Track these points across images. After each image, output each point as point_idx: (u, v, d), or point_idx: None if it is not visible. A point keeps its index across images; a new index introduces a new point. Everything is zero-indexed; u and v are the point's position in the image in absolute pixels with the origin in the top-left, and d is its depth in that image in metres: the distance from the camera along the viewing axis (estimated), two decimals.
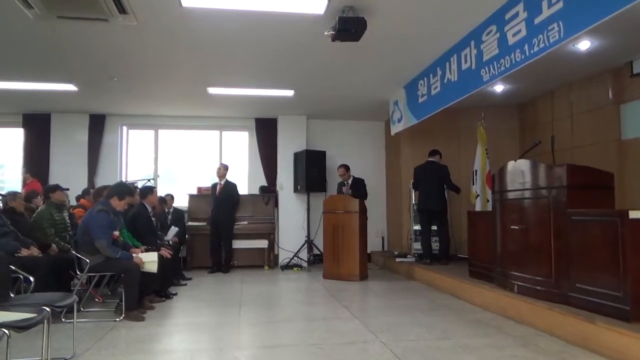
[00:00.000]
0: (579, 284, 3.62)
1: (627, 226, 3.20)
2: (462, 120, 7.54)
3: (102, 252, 4.13)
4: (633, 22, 4.23)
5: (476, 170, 6.31)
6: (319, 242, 7.34)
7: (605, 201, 3.74)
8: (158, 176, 8.23)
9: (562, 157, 5.89)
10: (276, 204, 8.24)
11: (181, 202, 7.87)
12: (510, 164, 4.48)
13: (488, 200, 5.91)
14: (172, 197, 7.16)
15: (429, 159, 6.72)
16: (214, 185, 7.53)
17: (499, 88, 6.37)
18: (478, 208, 6.14)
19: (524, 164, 4.29)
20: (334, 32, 3.95)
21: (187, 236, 7.49)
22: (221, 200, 7.36)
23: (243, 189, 8.43)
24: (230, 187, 7.51)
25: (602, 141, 5.72)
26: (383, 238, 8.76)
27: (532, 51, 3.63)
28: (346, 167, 7.09)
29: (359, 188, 6.93)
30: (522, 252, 4.25)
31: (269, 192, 8.18)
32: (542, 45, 3.51)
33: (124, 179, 7.86)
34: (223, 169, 7.46)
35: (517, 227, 4.30)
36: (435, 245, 6.67)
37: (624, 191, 5.09)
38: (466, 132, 7.39)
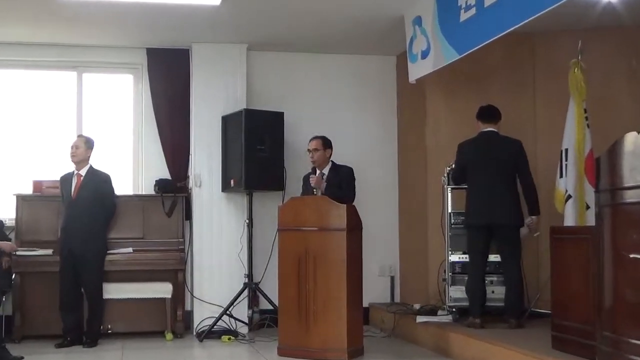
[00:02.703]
0: None
1: None
2: (539, 55, 7.60)
3: None
4: None
5: (566, 150, 6.49)
6: (272, 286, 7.28)
7: None
8: None
9: None
10: (188, 215, 8.27)
11: (2, 210, 7.89)
12: (631, 139, 4.48)
13: (588, 207, 6.08)
14: None
15: (485, 129, 6.81)
16: (67, 179, 7.52)
17: None
18: (570, 221, 6.27)
19: None
20: None
21: (13, 277, 7.37)
22: (80, 206, 7.36)
23: (125, 185, 8.37)
24: (97, 182, 7.51)
25: None
26: (393, 279, 8.82)
27: None
28: (325, 141, 7.21)
29: (342, 182, 7.06)
30: None
31: (174, 191, 8.18)
32: None
33: None
34: (84, 147, 7.46)
35: None
36: (494, 292, 6.87)
37: None
38: (547, 76, 7.49)
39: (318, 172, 7.06)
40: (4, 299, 7.04)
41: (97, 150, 7.68)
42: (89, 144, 7.49)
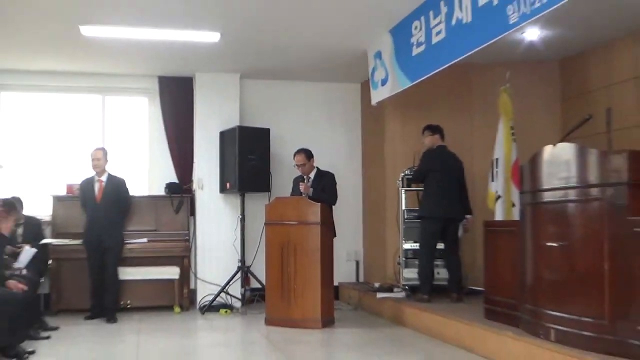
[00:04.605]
0: None
1: None
2: (476, 83, 7.67)
3: None
4: None
5: (497, 160, 6.46)
6: (260, 269, 7.26)
7: None
8: (1, 166, 8.11)
9: (623, 139, 5.94)
10: (192, 212, 8.25)
11: (41, 208, 7.82)
12: (548, 150, 4.57)
13: (514, 205, 6.09)
14: (20, 202, 7.08)
15: (440, 144, 6.77)
16: (88, 184, 7.45)
17: (532, 34, 6.40)
18: (499, 216, 6.27)
19: (567, 150, 4.37)
20: None
21: (49, 262, 7.38)
22: (103, 206, 7.33)
23: (141, 188, 8.40)
24: (116, 186, 7.47)
25: None
26: (358, 263, 8.83)
27: None
28: (307, 154, 7.04)
29: (325, 186, 6.93)
30: (563, 281, 4.33)
31: (181, 192, 8.17)
32: None
33: None
34: (103, 159, 7.35)
35: (555, 245, 4.40)
36: (438, 273, 6.87)
37: None
38: (483, 100, 7.53)
39: (306, 179, 6.94)
40: (42, 280, 7.03)
41: (119, 159, 7.65)
42: (106, 155, 7.37)
